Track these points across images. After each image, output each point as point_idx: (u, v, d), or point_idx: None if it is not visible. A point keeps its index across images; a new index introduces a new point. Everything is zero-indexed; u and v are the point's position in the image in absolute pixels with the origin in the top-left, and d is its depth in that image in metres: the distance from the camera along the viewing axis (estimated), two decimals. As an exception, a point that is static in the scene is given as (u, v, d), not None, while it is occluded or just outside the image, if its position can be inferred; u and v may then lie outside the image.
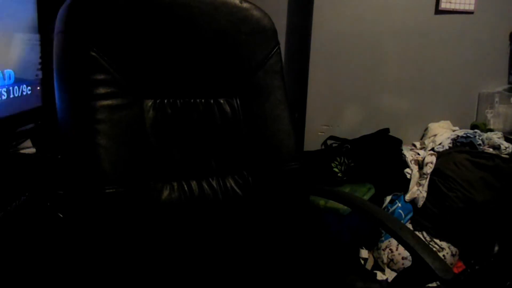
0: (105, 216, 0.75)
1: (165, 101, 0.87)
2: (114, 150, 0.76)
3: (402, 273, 0.97)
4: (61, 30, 0.79)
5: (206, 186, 0.89)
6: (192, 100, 0.90)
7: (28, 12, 1.28)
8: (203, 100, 0.91)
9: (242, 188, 0.92)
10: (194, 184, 0.88)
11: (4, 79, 1.17)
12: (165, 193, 0.83)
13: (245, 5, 0.95)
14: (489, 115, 2.30)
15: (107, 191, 0.74)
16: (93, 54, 0.77)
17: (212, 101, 0.92)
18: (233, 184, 0.92)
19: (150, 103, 0.85)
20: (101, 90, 0.77)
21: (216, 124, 0.92)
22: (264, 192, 0.94)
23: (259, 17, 0.97)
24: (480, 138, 2.06)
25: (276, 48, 1.00)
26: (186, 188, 0.86)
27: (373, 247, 1.79)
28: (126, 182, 0.76)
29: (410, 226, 1.83)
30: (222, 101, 0.93)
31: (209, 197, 0.88)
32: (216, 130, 0.92)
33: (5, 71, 1.18)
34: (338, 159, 1.95)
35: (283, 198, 0.96)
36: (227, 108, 0.93)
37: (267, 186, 0.94)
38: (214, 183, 0.90)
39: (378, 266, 1.74)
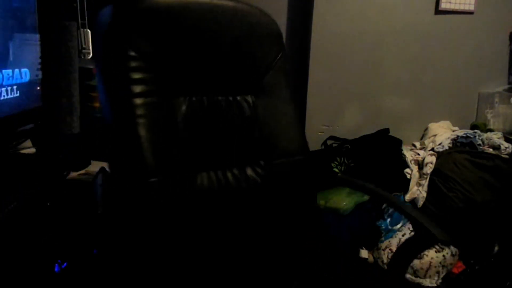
0: (150, 203, 0.85)
1: (193, 98, 0.96)
2: (154, 143, 0.85)
3: (406, 242, 1.08)
4: (105, 33, 0.87)
5: (230, 175, 0.99)
6: (215, 98, 1.00)
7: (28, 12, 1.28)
8: (224, 98, 1.02)
9: (260, 176, 1.03)
10: (220, 174, 0.97)
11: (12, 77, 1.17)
12: (197, 182, 0.92)
13: (254, 11, 1.06)
14: (489, 115, 2.30)
15: (150, 180, 0.83)
16: (134, 56, 0.86)
17: (231, 98, 1.02)
18: (252, 173, 1.02)
19: (181, 100, 0.94)
20: (141, 89, 0.86)
21: (235, 118, 1.02)
22: (277, 180, 1.05)
23: (269, 22, 1.08)
24: (480, 138, 2.06)
25: (283, 50, 1.09)
26: (213, 178, 0.96)
27: (373, 247, 1.80)
28: (165, 172, 0.85)
29: (410, 226, 1.83)
30: (239, 98, 1.04)
31: (233, 185, 0.98)
32: (236, 124, 1.02)
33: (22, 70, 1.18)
34: (338, 159, 1.95)
35: (293, 185, 1.07)
36: (244, 105, 1.04)
37: (279, 175, 1.05)
38: (236, 172, 1.00)
39: (378, 265, 1.74)
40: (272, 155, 1.05)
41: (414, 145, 2.20)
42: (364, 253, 1.77)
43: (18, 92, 1.24)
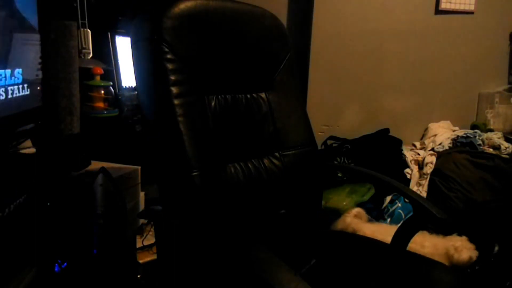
0: (195, 194, 0.93)
1: (220, 97, 1.05)
2: (193, 139, 0.93)
3: (407, 221, 1.15)
4: (145, 38, 0.94)
5: (251, 166, 1.08)
6: (237, 96, 1.09)
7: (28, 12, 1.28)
8: (243, 95, 1.11)
9: (276, 166, 1.14)
10: (242, 165, 1.06)
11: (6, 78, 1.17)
12: (228, 172, 1.02)
13: (267, 13, 1.15)
14: (489, 115, 2.30)
15: (193, 174, 0.91)
16: (173, 59, 0.93)
17: (249, 96, 1.12)
18: (270, 164, 1.12)
19: (210, 98, 1.03)
20: (179, 89, 0.94)
21: (254, 114, 1.11)
22: (291, 168, 1.15)
23: (278, 24, 1.17)
24: (480, 138, 2.06)
25: (290, 50, 1.18)
26: (239, 168, 1.05)
27: (373, 247, 1.79)
28: (202, 165, 0.93)
29: (410, 226, 1.83)
30: (255, 96, 1.13)
31: (254, 175, 1.08)
32: (254, 119, 1.11)
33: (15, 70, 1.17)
34: (338, 159, 1.95)
35: (304, 172, 1.18)
36: (260, 101, 1.13)
37: (292, 164, 1.15)
38: (256, 163, 1.09)
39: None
40: (284, 147, 1.15)
41: (414, 145, 2.20)
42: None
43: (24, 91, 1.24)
